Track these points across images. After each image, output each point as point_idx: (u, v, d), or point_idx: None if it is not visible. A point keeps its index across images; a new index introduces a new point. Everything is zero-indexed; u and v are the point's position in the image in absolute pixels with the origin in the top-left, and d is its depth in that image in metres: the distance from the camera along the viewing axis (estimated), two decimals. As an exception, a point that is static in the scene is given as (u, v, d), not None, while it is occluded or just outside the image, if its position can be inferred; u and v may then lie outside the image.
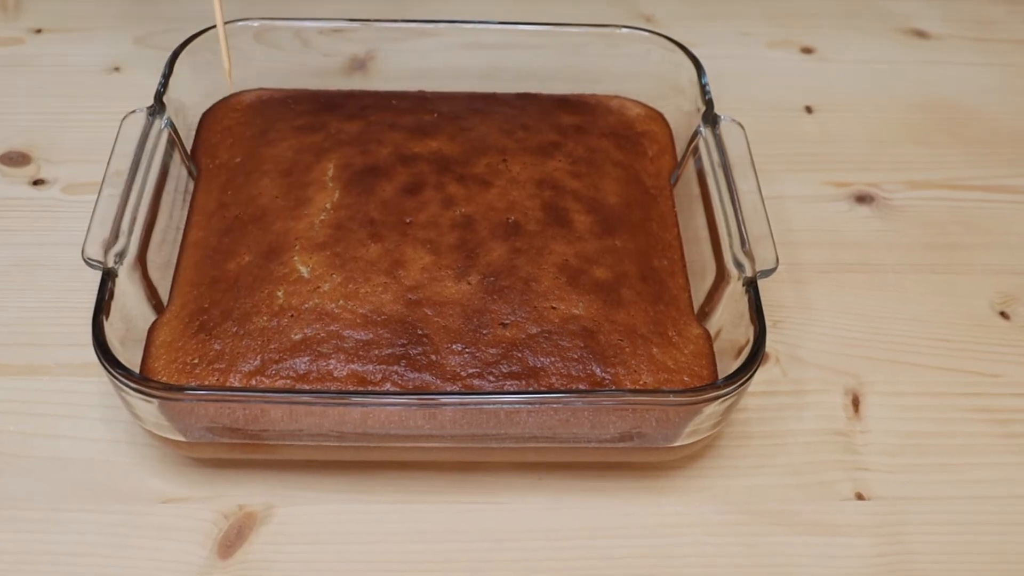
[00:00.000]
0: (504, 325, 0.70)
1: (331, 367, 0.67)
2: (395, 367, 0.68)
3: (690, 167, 0.80)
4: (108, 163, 0.73)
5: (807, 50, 1.04)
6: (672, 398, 0.65)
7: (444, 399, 0.65)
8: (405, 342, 0.68)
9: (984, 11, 1.09)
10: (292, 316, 0.69)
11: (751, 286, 0.69)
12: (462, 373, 0.68)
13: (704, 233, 0.76)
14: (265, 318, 0.69)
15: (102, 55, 0.99)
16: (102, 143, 0.77)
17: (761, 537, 0.69)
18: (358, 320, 0.69)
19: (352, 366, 0.68)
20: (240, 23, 0.85)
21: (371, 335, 0.69)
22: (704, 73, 0.82)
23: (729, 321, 0.71)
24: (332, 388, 0.67)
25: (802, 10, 1.08)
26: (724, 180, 0.75)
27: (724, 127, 0.78)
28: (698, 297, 0.75)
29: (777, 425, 0.75)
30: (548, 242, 0.74)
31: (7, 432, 0.72)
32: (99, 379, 0.74)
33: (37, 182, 0.87)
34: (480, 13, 0.98)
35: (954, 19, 1.08)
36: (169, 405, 0.64)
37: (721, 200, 0.75)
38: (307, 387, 0.67)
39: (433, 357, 0.68)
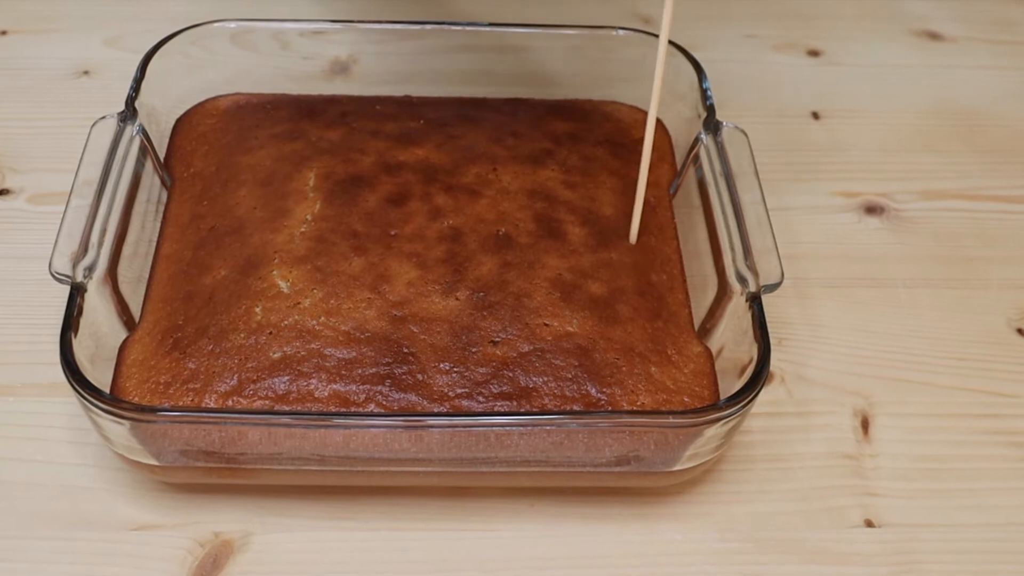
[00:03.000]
0: (494, 343, 0.70)
1: (312, 387, 0.68)
2: (379, 387, 0.68)
3: (690, 176, 0.81)
4: (77, 172, 0.73)
5: (814, 53, 1.04)
6: (671, 420, 0.65)
7: (431, 421, 0.65)
8: (390, 361, 0.69)
9: (1002, 12, 1.10)
10: (271, 333, 0.70)
11: (755, 302, 0.70)
12: (450, 393, 0.68)
13: (705, 246, 0.77)
14: (242, 335, 0.70)
15: (70, 58, 0.99)
16: (70, 151, 0.78)
17: (765, 566, 0.70)
18: (340, 337, 0.70)
19: (334, 386, 0.68)
20: (216, 24, 0.85)
21: (354, 353, 0.69)
22: (705, 77, 0.82)
23: (731, 338, 0.71)
24: (313, 409, 0.67)
25: (809, 11, 1.09)
26: (726, 190, 0.75)
27: (726, 134, 0.78)
28: (699, 313, 0.75)
29: (782, 448, 0.75)
30: (540, 255, 0.74)
31: (-31, 456, 0.73)
32: (67, 400, 0.75)
33: (2, 192, 0.88)
34: (469, 14, 0.99)
35: (970, 20, 1.08)
36: (141, 427, 0.65)
37: (723, 211, 0.75)
38: (287, 408, 0.67)
39: (419, 377, 0.69)
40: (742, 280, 0.71)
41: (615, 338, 0.71)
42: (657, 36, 0.85)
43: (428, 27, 0.86)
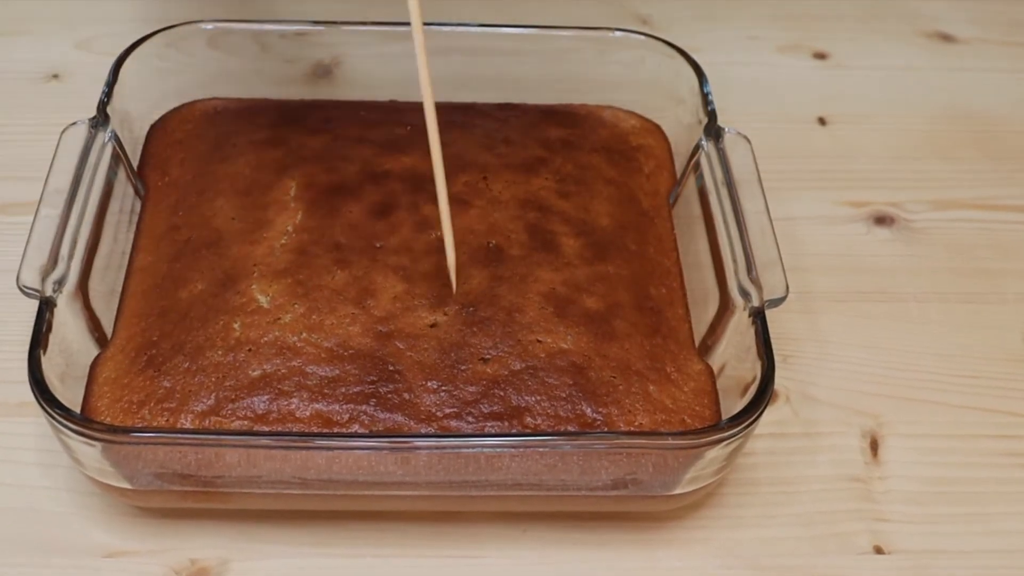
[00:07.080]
0: (484, 360, 0.70)
1: (293, 406, 0.68)
2: (364, 406, 0.68)
3: (691, 185, 0.81)
4: (46, 180, 0.73)
5: (820, 55, 1.05)
6: (670, 441, 0.65)
7: (418, 442, 0.65)
8: (375, 379, 0.69)
9: (1017, 12, 1.10)
10: (250, 350, 0.70)
11: (758, 317, 0.70)
12: (438, 413, 0.68)
13: (706, 258, 0.77)
14: (220, 352, 0.70)
15: (39, 61, 1.00)
16: (39, 158, 0.78)
17: (769, 595, 0.70)
18: (323, 355, 0.70)
19: (316, 405, 0.68)
20: (192, 25, 0.85)
21: (337, 371, 0.69)
22: (706, 81, 0.83)
23: (734, 355, 0.72)
24: (294, 430, 0.67)
25: (815, 11, 1.09)
26: (728, 199, 0.76)
27: (728, 141, 0.79)
28: (699, 329, 0.76)
29: (787, 471, 0.76)
30: (533, 268, 0.74)
31: (-68, 480, 0.73)
32: (36, 420, 0.75)
33: (-34, 202, 0.88)
34: (458, 15, 0.99)
35: (983, 21, 1.09)
36: (114, 449, 0.65)
37: (725, 221, 0.75)
38: (266, 429, 0.67)
39: (406, 395, 0.69)
40: (745, 294, 0.71)
41: (611, 355, 0.71)
42: (657, 38, 0.86)
43: (416, 28, 0.86)
